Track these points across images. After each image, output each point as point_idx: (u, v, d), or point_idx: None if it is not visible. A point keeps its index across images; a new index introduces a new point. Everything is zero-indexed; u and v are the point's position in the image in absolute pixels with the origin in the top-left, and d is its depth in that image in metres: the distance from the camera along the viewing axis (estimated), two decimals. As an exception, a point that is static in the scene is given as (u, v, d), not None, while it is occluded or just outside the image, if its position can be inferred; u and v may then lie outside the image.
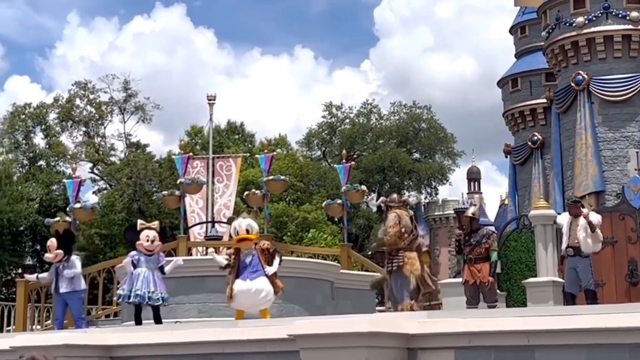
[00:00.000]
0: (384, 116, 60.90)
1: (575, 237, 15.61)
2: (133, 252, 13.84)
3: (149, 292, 13.46)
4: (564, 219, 16.03)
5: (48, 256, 15.11)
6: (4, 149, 49.64)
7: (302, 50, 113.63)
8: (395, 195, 13.16)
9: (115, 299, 13.82)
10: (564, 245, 15.96)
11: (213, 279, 16.66)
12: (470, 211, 15.38)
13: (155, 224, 14.29)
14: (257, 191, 23.50)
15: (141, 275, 13.55)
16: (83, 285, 15.31)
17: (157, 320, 13.73)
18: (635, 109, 33.83)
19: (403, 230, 12.42)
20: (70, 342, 10.07)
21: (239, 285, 12.40)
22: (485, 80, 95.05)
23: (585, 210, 16.00)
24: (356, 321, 8.42)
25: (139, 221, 14.46)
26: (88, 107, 52.92)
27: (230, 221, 13.74)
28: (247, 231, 12.52)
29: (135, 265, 13.62)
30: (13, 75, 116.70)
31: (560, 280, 23.59)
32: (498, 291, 25.41)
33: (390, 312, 12.52)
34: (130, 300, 13.52)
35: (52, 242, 15.04)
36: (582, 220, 15.57)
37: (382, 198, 13.23)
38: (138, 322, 13.81)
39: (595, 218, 15.90)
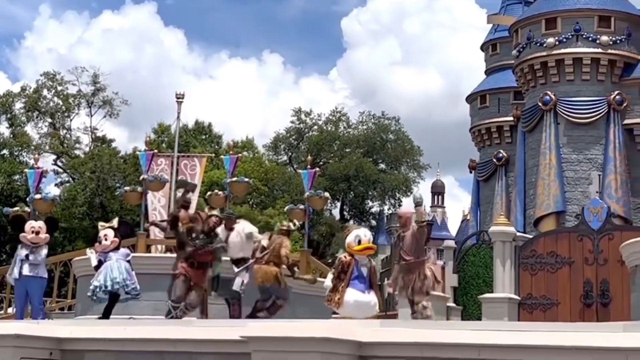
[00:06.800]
0: (352, 125, 60.99)
1: None
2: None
3: (125, 280, 13.35)
4: None
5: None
6: (-33, 135, 49.15)
7: (271, 55, 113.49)
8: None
9: (89, 294, 13.57)
10: None
11: (170, 277, 16.58)
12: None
13: (114, 221, 14.17)
14: (220, 192, 23.44)
15: (115, 264, 13.42)
16: (45, 273, 15.03)
17: (108, 312, 13.59)
18: (599, 132, 34.17)
19: None
20: (21, 332, 9.97)
21: (358, 295, 12.49)
22: (449, 96, 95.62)
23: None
24: (309, 326, 8.42)
25: (99, 224, 14.33)
26: (55, 99, 52.51)
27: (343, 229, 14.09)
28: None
29: (101, 262, 13.51)
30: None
31: (517, 297, 23.79)
32: (454, 305, 25.60)
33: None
34: (109, 289, 13.33)
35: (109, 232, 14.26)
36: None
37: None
38: (107, 315, 13.63)
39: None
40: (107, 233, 13.65)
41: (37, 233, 14.06)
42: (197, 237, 13.47)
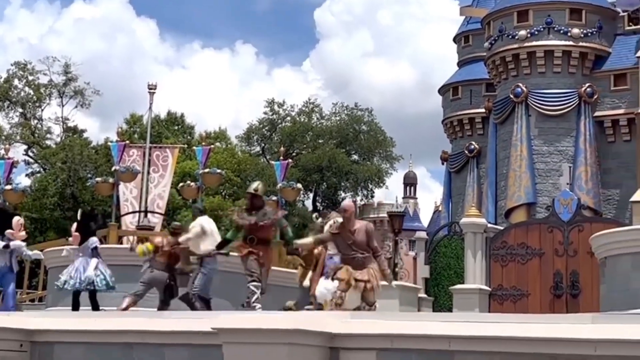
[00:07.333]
0: (325, 116, 60.98)
1: None
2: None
3: (88, 279, 13.34)
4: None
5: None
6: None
7: (244, 45, 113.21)
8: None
9: (58, 285, 13.60)
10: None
11: (141, 269, 16.56)
12: (252, 187, 13.49)
13: (78, 213, 14.20)
14: (193, 183, 23.44)
15: (77, 262, 13.46)
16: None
17: (94, 305, 13.68)
18: (570, 124, 34.39)
19: None
20: (-11, 324, 9.92)
21: (328, 283, 12.54)
22: (422, 88, 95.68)
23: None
24: (281, 318, 8.44)
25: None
26: (26, 89, 52.09)
27: (323, 216, 13.92)
28: None
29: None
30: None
31: (487, 288, 23.92)
32: (425, 295, 25.71)
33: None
34: (71, 285, 13.38)
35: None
36: None
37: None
38: (76, 307, 13.69)
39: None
40: (72, 228, 13.74)
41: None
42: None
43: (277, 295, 14.89)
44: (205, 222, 14.23)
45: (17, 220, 14.05)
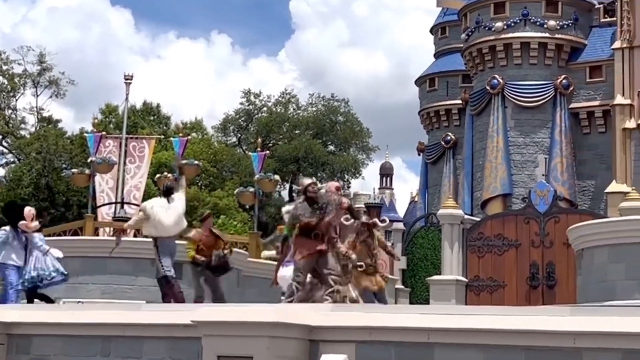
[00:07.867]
0: (301, 107, 60.98)
1: None
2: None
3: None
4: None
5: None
6: None
7: (219, 35, 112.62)
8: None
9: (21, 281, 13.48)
10: None
11: (118, 260, 16.50)
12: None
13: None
14: (169, 174, 23.37)
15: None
16: None
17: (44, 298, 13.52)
18: (546, 116, 34.56)
19: None
20: (-34, 317, 9.85)
21: (288, 271, 12.42)
22: (397, 79, 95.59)
23: None
24: (260, 310, 8.42)
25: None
26: (0, 78, 51.73)
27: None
28: None
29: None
30: None
31: (464, 279, 24.02)
32: (402, 286, 25.79)
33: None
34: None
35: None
36: None
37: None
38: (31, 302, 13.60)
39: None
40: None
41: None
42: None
43: (262, 288, 14.82)
44: (153, 204, 13.32)
45: (28, 210, 13.82)
